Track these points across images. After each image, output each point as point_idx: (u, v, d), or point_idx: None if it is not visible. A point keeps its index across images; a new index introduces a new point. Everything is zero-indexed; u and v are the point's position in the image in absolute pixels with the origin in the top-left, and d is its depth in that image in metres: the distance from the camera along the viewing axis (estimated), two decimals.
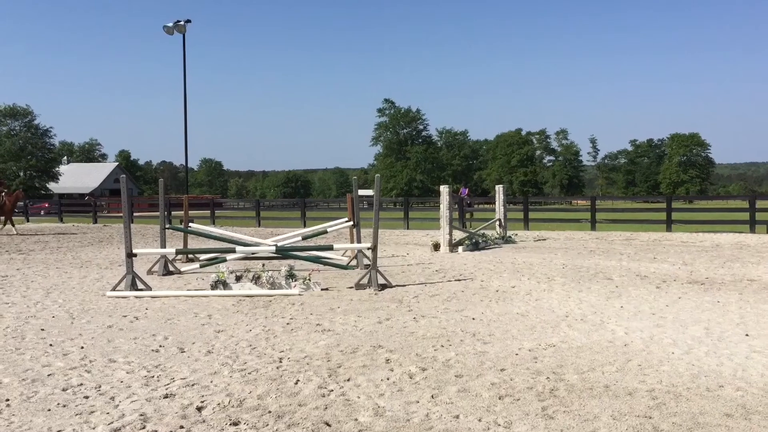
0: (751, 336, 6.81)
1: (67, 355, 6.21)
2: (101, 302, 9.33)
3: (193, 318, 8.10)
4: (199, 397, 4.92)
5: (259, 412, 4.59)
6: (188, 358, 6.12)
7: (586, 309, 8.44)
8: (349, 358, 6.03)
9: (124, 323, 7.79)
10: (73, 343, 6.75)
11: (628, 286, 10.41)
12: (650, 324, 7.45)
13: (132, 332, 7.27)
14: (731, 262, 13.56)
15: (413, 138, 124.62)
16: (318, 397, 4.91)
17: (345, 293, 9.95)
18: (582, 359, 5.93)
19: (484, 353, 6.17)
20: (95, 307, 8.96)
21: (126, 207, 10.67)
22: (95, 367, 5.78)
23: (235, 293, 9.80)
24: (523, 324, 7.51)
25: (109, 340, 6.89)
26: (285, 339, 6.87)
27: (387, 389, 5.09)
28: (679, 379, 5.28)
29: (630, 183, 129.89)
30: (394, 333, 7.11)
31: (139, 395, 4.97)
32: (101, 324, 7.74)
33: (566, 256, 15.14)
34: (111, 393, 5.03)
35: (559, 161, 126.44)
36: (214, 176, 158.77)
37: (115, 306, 9.01)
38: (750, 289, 9.97)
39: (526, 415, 4.49)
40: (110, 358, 6.09)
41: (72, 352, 6.36)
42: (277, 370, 5.66)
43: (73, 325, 7.71)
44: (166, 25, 36.91)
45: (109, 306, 9.02)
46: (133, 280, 10.11)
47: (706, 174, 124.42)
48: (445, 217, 17.07)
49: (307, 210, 32.98)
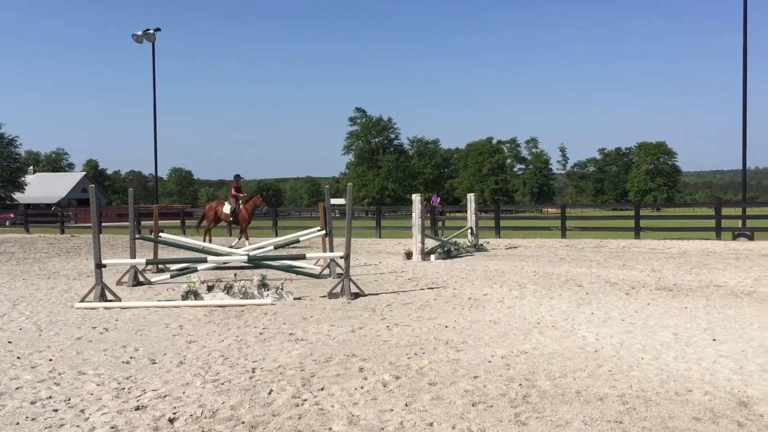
0: (718, 341, 6.93)
1: (35, 368, 6.10)
2: (70, 314, 9.19)
3: (164, 329, 8.01)
4: (171, 408, 4.87)
5: (232, 423, 4.56)
6: (160, 369, 6.06)
7: (557, 316, 8.52)
8: (322, 368, 6.02)
9: (93, 335, 7.68)
10: (42, 355, 6.64)
11: (598, 292, 10.54)
12: (620, 330, 7.55)
13: (102, 344, 7.17)
14: (698, 269, 13.80)
15: (385, 147, 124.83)
16: (292, 406, 4.89)
17: (318, 302, 9.93)
18: (554, 365, 5.99)
19: (458, 361, 6.20)
20: (63, 318, 8.82)
21: (95, 217, 10.53)
22: (64, 380, 5.69)
23: (207, 303, 9.72)
24: (496, 331, 7.56)
25: (78, 352, 6.79)
26: (258, 349, 6.83)
27: (361, 398, 5.09)
28: (648, 384, 5.36)
29: (599, 191, 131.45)
30: (367, 342, 7.12)
31: (110, 407, 4.90)
32: (70, 336, 7.62)
33: (537, 264, 15.27)
34: (81, 405, 4.96)
35: (529, 170, 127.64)
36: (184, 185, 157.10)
37: (84, 317, 8.88)
38: (716, 295, 10.15)
39: (499, 421, 4.53)
40: (80, 371, 6.00)
41: (40, 364, 6.25)
42: (250, 380, 5.63)
43: (41, 337, 7.58)
44: (135, 34, 36.59)
45: (78, 317, 8.88)
46: (102, 291, 9.98)
47: (673, 182, 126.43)
48: (417, 225, 17.12)
49: (279, 219, 32.77)
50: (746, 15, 25.03)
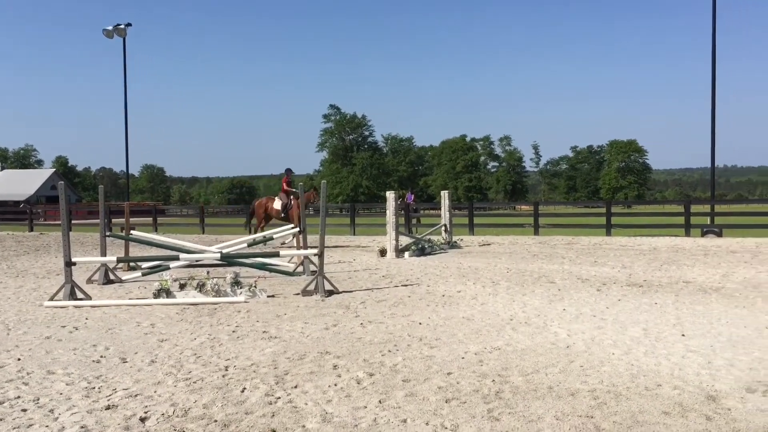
0: (687, 336, 7.04)
1: (3, 368, 6.00)
2: (39, 312, 9.05)
3: (135, 327, 7.93)
4: (143, 407, 4.82)
5: (204, 421, 4.53)
6: (131, 368, 5.99)
7: (530, 312, 8.59)
8: (296, 365, 6.00)
9: (63, 334, 7.57)
10: (10, 354, 6.53)
11: (570, 289, 10.64)
12: (591, 326, 7.64)
13: (71, 343, 7.07)
14: (668, 265, 14.00)
15: (359, 144, 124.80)
16: (265, 404, 4.87)
17: (292, 300, 9.89)
18: (526, 361, 6.03)
19: (431, 357, 6.22)
20: (32, 317, 8.68)
21: (64, 214, 10.38)
22: (33, 379, 5.60)
23: (179, 301, 9.63)
24: (469, 328, 7.60)
25: (48, 351, 6.69)
26: (231, 347, 6.79)
27: (335, 395, 5.08)
28: (619, 379, 5.43)
29: (571, 188, 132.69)
30: (341, 339, 7.11)
31: (80, 407, 4.84)
32: (39, 335, 7.50)
33: (510, 261, 15.38)
34: (50, 405, 4.89)
35: (503, 167, 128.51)
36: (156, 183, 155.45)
37: (54, 316, 8.75)
38: (686, 291, 10.31)
39: (472, 417, 4.55)
40: (49, 370, 5.91)
41: (8, 364, 6.15)
42: (223, 378, 5.59)
43: (9, 336, 7.45)
44: (105, 29, 36.08)
45: (47, 316, 8.75)
46: (72, 290, 9.84)
47: (643, 179, 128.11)
48: (392, 222, 17.14)
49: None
50: (715, 14, 25.41)
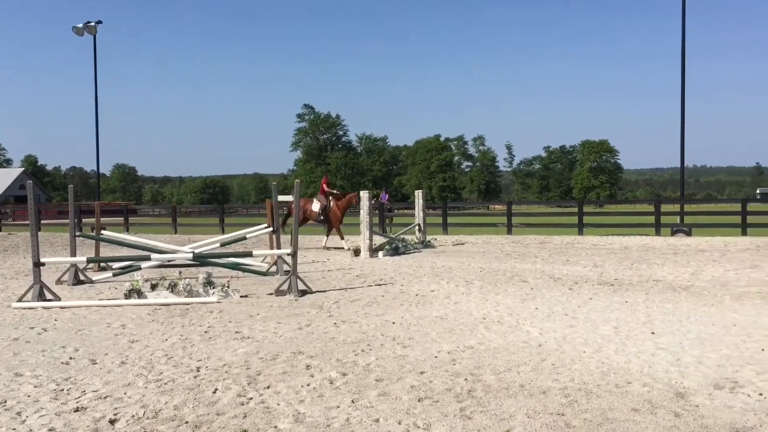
0: (656, 334, 7.14)
1: None
2: (6, 314, 8.90)
3: (105, 328, 7.83)
4: (113, 409, 4.77)
5: (175, 423, 4.49)
6: (100, 369, 5.92)
7: (502, 311, 8.64)
8: (269, 365, 5.97)
9: (31, 335, 7.45)
10: None
11: (542, 288, 10.73)
12: (563, 324, 7.71)
13: (40, 344, 6.97)
14: (638, 264, 14.17)
15: (333, 143, 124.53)
16: (237, 405, 4.84)
17: (265, 300, 9.84)
18: (498, 360, 6.07)
19: (404, 357, 6.23)
20: (0, 319, 8.53)
21: (33, 214, 10.21)
22: (0, 382, 5.51)
23: (151, 302, 9.53)
24: (442, 327, 7.62)
25: (15, 353, 6.59)
26: (203, 347, 6.74)
27: (307, 395, 5.07)
28: (590, 377, 5.48)
29: (544, 188, 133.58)
30: (314, 339, 7.09)
31: (48, 409, 4.77)
32: (6, 336, 7.38)
33: (483, 260, 15.45)
34: (17, 408, 4.81)
35: (476, 167, 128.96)
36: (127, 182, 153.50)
37: (22, 317, 8.61)
38: (656, 290, 10.45)
39: (444, 416, 4.57)
40: (16, 372, 5.82)
41: None
42: (194, 379, 5.54)
43: None
44: (75, 26, 35.51)
45: (15, 318, 8.61)
46: (40, 290, 9.69)
47: (615, 179, 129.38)
48: (366, 222, 17.13)
49: (225, 216, 32.44)
50: (684, 15, 25.75)
